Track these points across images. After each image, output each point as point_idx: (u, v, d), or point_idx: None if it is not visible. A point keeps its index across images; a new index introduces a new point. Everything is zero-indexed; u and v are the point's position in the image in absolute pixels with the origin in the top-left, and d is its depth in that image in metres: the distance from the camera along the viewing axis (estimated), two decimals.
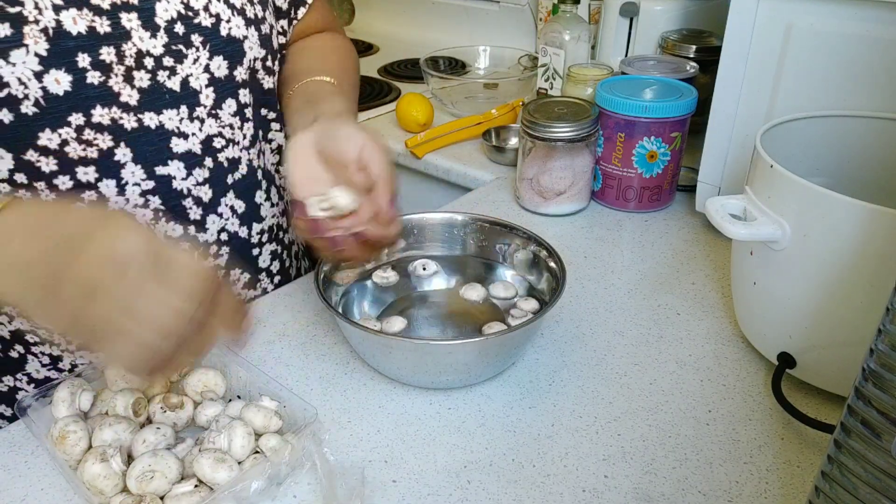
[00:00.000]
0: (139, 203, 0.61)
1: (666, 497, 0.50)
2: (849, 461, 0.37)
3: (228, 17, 0.62)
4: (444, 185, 1.12)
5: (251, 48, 0.65)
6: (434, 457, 0.54)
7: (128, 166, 0.59)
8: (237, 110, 0.65)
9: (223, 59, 0.62)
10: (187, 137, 0.62)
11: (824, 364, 0.57)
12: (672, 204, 0.91)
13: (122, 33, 0.56)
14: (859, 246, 0.50)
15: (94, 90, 0.55)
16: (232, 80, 0.64)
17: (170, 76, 0.59)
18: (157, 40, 0.58)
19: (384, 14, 1.85)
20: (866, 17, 0.64)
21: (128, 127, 0.58)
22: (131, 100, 0.58)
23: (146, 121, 0.59)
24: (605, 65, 1.01)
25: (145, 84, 0.58)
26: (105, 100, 0.56)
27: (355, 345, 0.63)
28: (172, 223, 0.63)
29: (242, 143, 0.67)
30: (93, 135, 0.57)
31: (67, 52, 0.53)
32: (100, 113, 0.56)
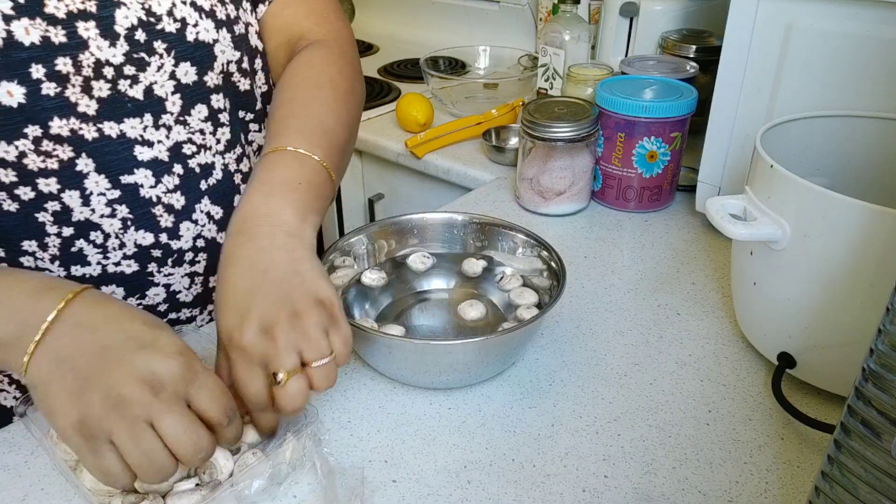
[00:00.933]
0: (105, 213, 0.59)
1: (666, 497, 0.51)
2: (849, 461, 0.37)
3: (195, 21, 0.60)
4: (444, 185, 1.12)
5: (223, 51, 0.62)
6: (434, 457, 0.54)
7: (91, 176, 0.58)
8: (209, 115, 0.63)
9: (191, 64, 0.60)
10: (152, 145, 0.60)
11: (824, 364, 0.57)
12: (672, 204, 0.91)
13: (78, 43, 0.54)
14: (859, 246, 0.50)
15: (49, 101, 0.54)
16: (202, 86, 0.62)
17: (132, 85, 0.57)
18: (117, 49, 0.56)
19: (384, 14, 1.85)
20: (866, 17, 0.64)
21: (88, 137, 0.56)
22: (89, 110, 0.56)
23: (106, 130, 0.57)
24: (605, 65, 1.01)
25: (105, 94, 0.56)
26: (62, 111, 0.55)
27: (355, 345, 0.63)
28: (142, 232, 0.62)
29: (216, 147, 0.65)
30: (51, 146, 0.55)
31: (20, 64, 0.52)
32: (58, 124, 0.55)
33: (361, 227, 0.71)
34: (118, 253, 0.62)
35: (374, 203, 1.27)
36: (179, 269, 0.65)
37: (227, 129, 0.66)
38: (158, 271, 0.64)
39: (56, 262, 0.60)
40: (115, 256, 0.62)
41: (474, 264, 0.71)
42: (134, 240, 0.62)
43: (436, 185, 1.14)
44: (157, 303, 0.66)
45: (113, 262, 0.62)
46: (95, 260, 0.61)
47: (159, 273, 0.64)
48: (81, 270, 0.61)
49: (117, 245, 0.61)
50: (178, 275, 0.66)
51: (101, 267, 0.62)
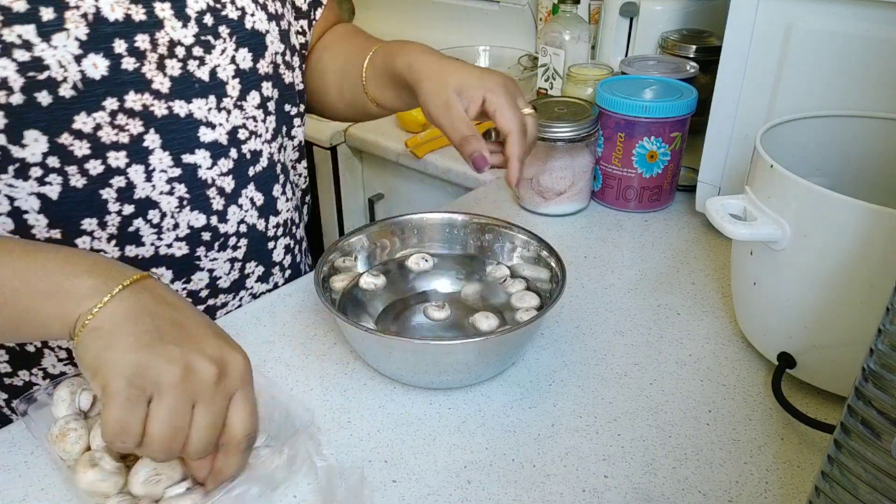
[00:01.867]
0: (165, 190, 0.62)
1: (666, 497, 0.51)
2: (849, 461, 0.37)
3: (252, 11, 0.64)
4: (444, 185, 1.12)
5: (272, 42, 0.66)
6: (434, 457, 0.54)
7: (156, 153, 0.60)
8: (260, 103, 0.67)
9: (248, 51, 0.64)
10: (214, 127, 0.63)
11: (824, 364, 0.57)
12: (672, 204, 0.91)
13: (155, 22, 0.58)
14: (859, 246, 0.50)
15: (128, 76, 0.57)
16: (255, 73, 0.65)
17: (199, 66, 0.61)
18: (188, 30, 0.60)
19: (384, 14, 1.85)
20: (866, 17, 0.64)
21: (158, 114, 0.59)
22: (163, 87, 0.59)
23: (176, 108, 0.60)
24: (605, 65, 1.01)
25: (176, 73, 0.60)
26: (138, 86, 0.58)
27: (355, 345, 0.63)
28: (196, 212, 0.64)
29: (265, 135, 0.68)
30: (125, 120, 0.58)
31: (105, 38, 0.55)
32: (132, 98, 0.58)
33: (361, 227, 0.71)
34: (171, 234, 0.64)
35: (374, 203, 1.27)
36: (223, 253, 0.68)
37: (273, 118, 0.69)
38: (206, 255, 0.67)
39: (112, 242, 0.62)
40: (167, 238, 0.64)
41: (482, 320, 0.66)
42: (188, 221, 0.64)
43: (436, 185, 1.14)
44: (199, 288, 0.68)
45: (165, 243, 0.64)
46: (150, 241, 0.63)
47: (206, 257, 0.67)
48: (135, 251, 0.63)
49: (172, 225, 0.63)
50: (221, 259, 0.68)
51: (154, 248, 0.64)
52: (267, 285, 0.75)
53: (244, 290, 0.73)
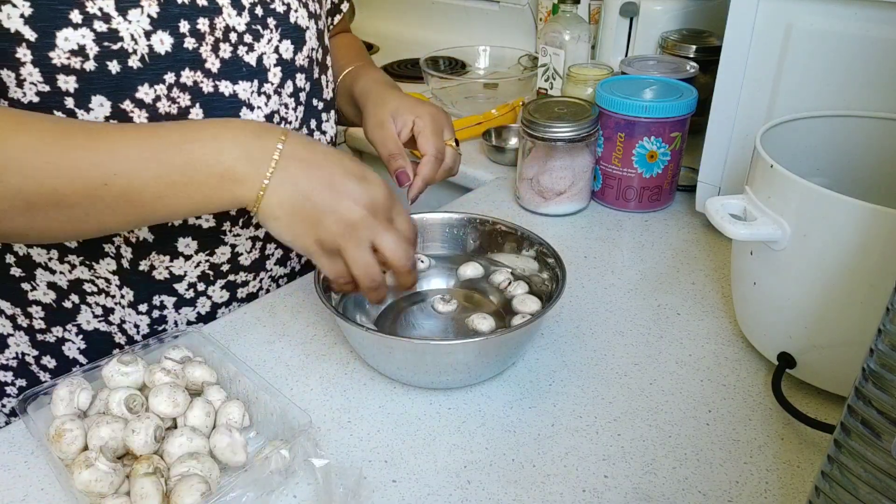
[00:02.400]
0: None
1: (666, 497, 0.51)
2: (849, 461, 0.37)
3: (296, 8, 0.68)
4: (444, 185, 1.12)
5: (310, 38, 0.70)
6: (434, 457, 0.54)
7: None
8: (293, 91, 0.70)
9: (290, 42, 0.67)
10: (253, 109, 0.66)
11: (824, 364, 0.57)
12: (672, 204, 0.91)
13: (215, 8, 0.61)
14: (859, 246, 0.50)
15: (187, 54, 0.60)
16: (293, 64, 0.69)
17: (248, 51, 0.64)
18: (242, 18, 0.63)
19: (384, 14, 1.85)
20: (866, 17, 0.64)
21: (205, 91, 0.62)
22: (213, 67, 0.62)
23: (221, 88, 0.63)
24: (605, 65, 1.01)
25: (227, 55, 0.63)
26: (194, 64, 0.61)
27: (355, 345, 0.63)
28: None
29: (294, 123, 0.71)
30: (178, 93, 0.61)
31: (173, 18, 0.59)
32: (187, 75, 0.61)
33: None
34: None
35: None
36: (246, 230, 0.70)
37: (302, 108, 0.72)
38: (230, 230, 0.69)
39: None
40: None
41: (473, 268, 0.71)
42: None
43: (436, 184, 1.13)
44: (221, 262, 0.70)
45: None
46: None
47: (230, 232, 0.69)
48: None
49: None
50: (244, 237, 0.70)
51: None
52: (285, 269, 0.77)
53: (264, 272, 0.74)
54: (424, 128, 0.74)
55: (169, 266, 0.67)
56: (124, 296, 0.67)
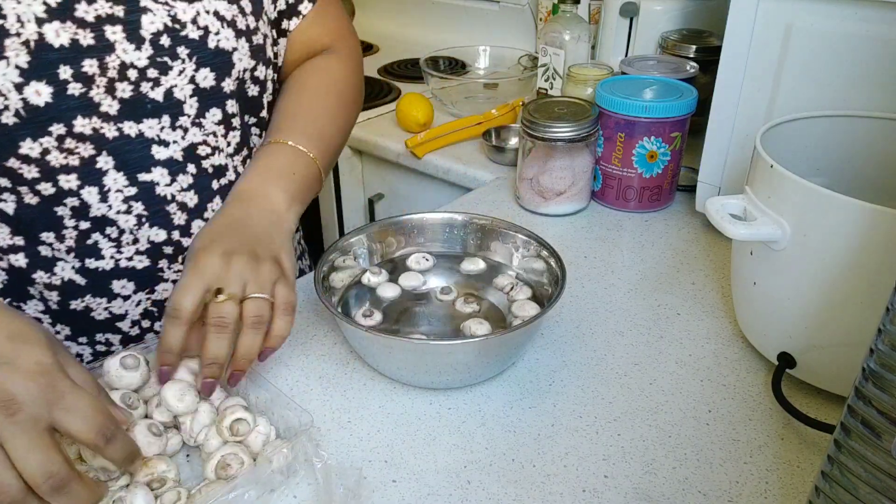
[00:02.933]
0: (122, 209, 0.61)
1: (666, 497, 0.50)
2: (849, 461, 0.37)
3: (217, 30, 0.62)
4: (444, 185, 1.12)
5: (241, 59, 0.64)
6: (434, 457, 0.54)
7: (110, 173, 0.60)
8: (222, 119, 0.65)
9: (210, 70, 0.62)
10: (168, 145, 0.62)
11: (824, 364, 0.57)
12: (672, 204, 0.91)
13: (105, 46, 0.56)
14: (859, 246, 0.50)
15: (74, 101, 0.56)
16: (219, 91, 0.64)
17: (153, 87, 0.59)
18: (142, 52, 0.58)
19: (384, 14, 1.85)
20: (866, 17, 0.64)
21: (109, 136, 0.58)
22: (111, 110, 0.58)
23: (126, 129, 0.59)
24: (605, 65, 1.01)
25: (127, 95, 0.58)
26: (86, 110, 0.56)
27: (355, 345, 0.63)
28: (156, 228, 0.64)
29: (227, 150, 0.67)
30: (74, 144, 0.57)
31: (49, 65, 0.54)
32: (81, 123, 0.57)
33: (361, 227, 0.71)
34: (131, 248, 0.63)
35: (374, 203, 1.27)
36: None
37: (237, 132, 0.68)
38: (169, 267, 0.66)
39: (72, 254, 0.62)
40: (128, 251, 0.63)
41: (475, 262, 0.71)
42: (147, 236, 0.64)
43: (436, 185, 1.14)
44: (165, 298, 0.67)
45: (126, 256, 0.64)
46: (109, 254, 0.63)
47: (169, 269, 0.66)
48: (95, 263, 0.63)
49: (131, 240, 0.63)
50: None
51: (114, 261, 0.63)
52: None
53: None
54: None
55: (108, 307, 0.65)
56: (59, 332, 0.66)
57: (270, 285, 0.55)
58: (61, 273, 0.62)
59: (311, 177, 0.66)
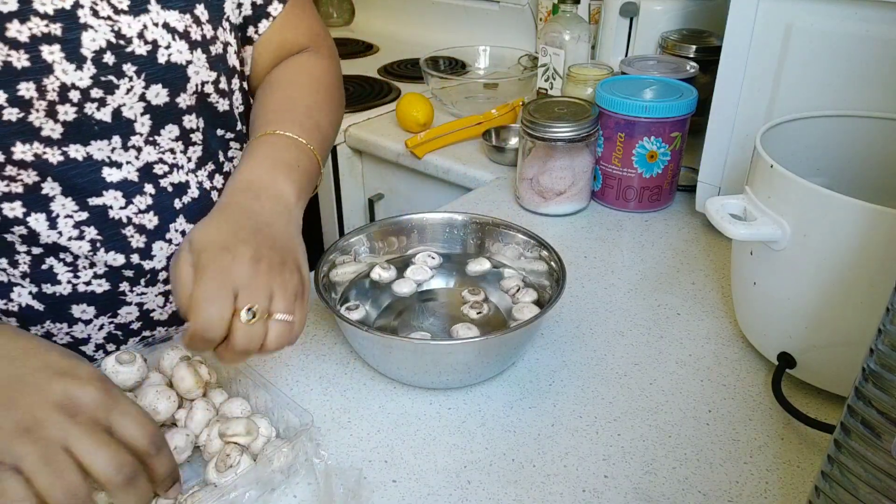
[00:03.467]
0: (73, 235, 0.59)
1: (666, 497, 0.51)
2: (849, 461, 0.37)
3: (168, 43, 0.58)
4: (444, 185, 1.12)
5: (197, 72, 0.61)
6: (434, 457, 0.54)
7: (57, 199, 0.57)
8: (180, 135, 0.62)
9: (162, 86, 0.58)
10: (121, 166, 0.59)
11: (824, 364, 0.57)
12: (672, 204, 0.91)
13: (42, 67, 0.52)
14: (859, 246, 0.50)
15: (11, 127, 0.52)
16: (174, 107, 0.60)
17: (99, 108, 0.56)
18: (84, 72, 0.54)
19: (384, 14, 1.85)
20: (866, 17, 0.64)
21: (53, 161, 0.55)
22: (54, 133, 0.55)
23: (72, 153, 0.56)
24: (605, 65, 1.01)
25: (70, 117, 0.55)
26: (25, 136, 0.53)
27: (355, 345, 0.63)
28: (113, 253, 0.61)
29: (188, 165, 0.64)
30: (15, 171, 0.54)
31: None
32: (21, 149, 0.53)
33: (361, 227, 0.71)
34: (89, 272, 0.61)
35: (374, 203, 1.27)
36: (153, 288, 0.65)
37: (199, 147, 0.65)
38: (131, 290, 0.64)
39: (27, 279, 0.60)
40: (85, 276, 0.61)
41: (482, 263, 0.71)
42: (104, 260, 0.61)
43: (436, 185, 1.14)
44: (129, 321, 0.65)
45: (83, 281, 0.61)
46: (66, 279, 0.61)
47: (132, 292, 0.64)
48: (52, 289, 0.61)
49: (87, 265, 0.61)
50: (152, 294, 0.65)
51: (71, 286, 0.61)
52: None
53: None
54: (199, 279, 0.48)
55: (69, 331, 0.63)
56: None
57: (294, 302, 0.50)
58: (18, 299, 0.60)
59: (313, 171, 0.62)
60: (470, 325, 0.63)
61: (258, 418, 0.53)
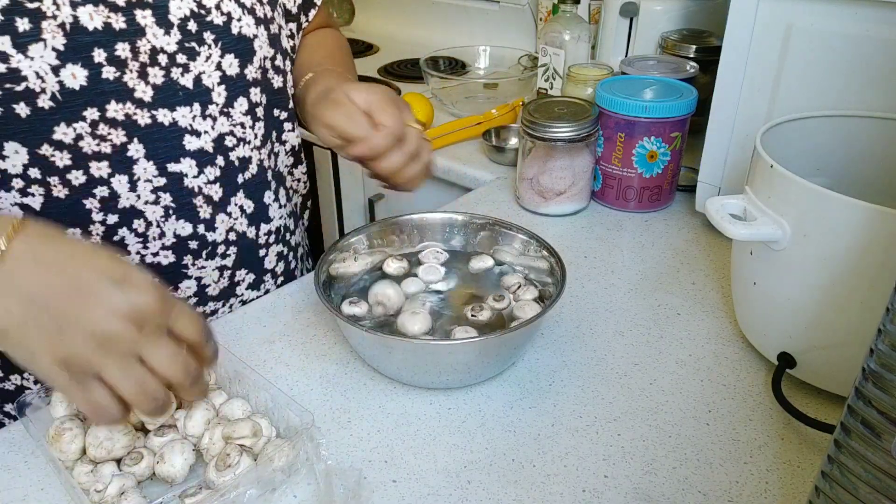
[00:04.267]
0: (150, 200, 0.62)
1: (666, 497, 0.50)
2: (849, 461, 0.37)
3: (239, 16, 0.63)
4: (444, 185, 1.12)
5: (261, 47, 0.65)
6: (434, 457, 0.54)
7: (140, 162, 0.60)
8: (248, 109, 0.66)
9: (234, 56, 0.63)
10: (199, 135, 0.62)
11: (824, 364, 0.57)
12: (672, 204, 0.91)
13: (136, 30, 0.57)
14: (859, 246, 0.50)
15: (109, 85, 0.56)
16: (243, 79, 0.64)
17: (183, 73, 0.60)
18: (171, 37, 0.58)
19: (384, 14, 1.85)
20: (866, 17, 0.64)
21: (141, 123, 0.59)
22: (145, 96, 0.58)
23: (160, 117, 0.59)
24: (605, 65, 1.01)
25: (159, 81, 0.59)
26: (120, 95, 0.57)
27: (355, 345, 0.63)
28: (182, 221, 0.64)
29: (254, 142, 0.68)
30: (107, 130, 0.57)
31: (84, 47, 0.54)
32: (114, 108, 0.57)
33: (361, 227, 0.71)
34: (157, 243, 0.63)
35: (374, 203, 1.27)
36: (212, 262, 0.67)
37: (262, 123, 0.68)
38: (193, 264, 0.66)
39: None
40: (153, 247, 0.63)
41: (483, 260, 0.71)
42: (174, 230, 0.64)
43: (436, 185, 1.13)
44: (188, 296, 0.68)
45: (151, 252, 0.63)
46: (135, 250, 0.63)
47: (193, 266, 0.66)
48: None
49: (157, 234, 0.63)
50: (210, 268, 0.68)
51: (139, 257, 0.63)
52: (258, 292, 0.74)
53: (234, 298, 0.72)
54: (380, 102, 0.64)
55: None
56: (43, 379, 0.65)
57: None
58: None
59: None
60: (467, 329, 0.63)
61: (258, 418, 0.53)
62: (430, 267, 0.70)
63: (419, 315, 0.63)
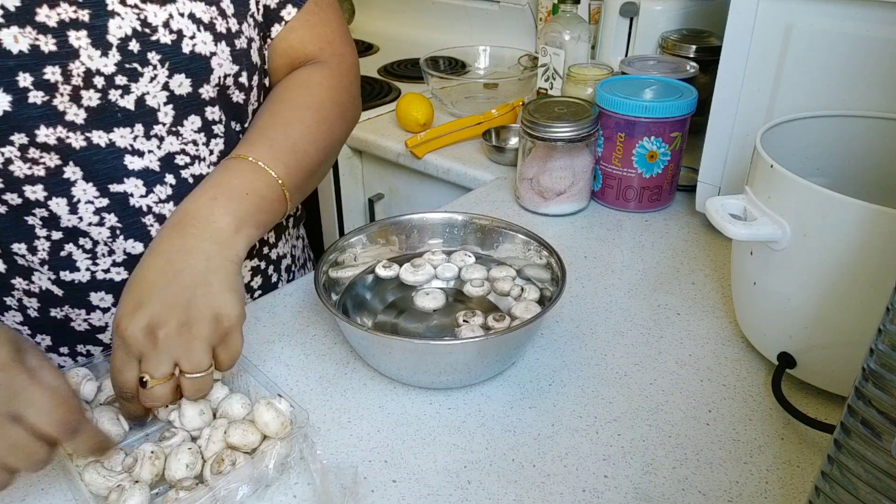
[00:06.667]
0: (94, 221, 0.60)
1: (666, 497, 0.50)
2: (849, 461, 0.37)
3: (192, 34, 0.59)
4: (444, 185, 1.12)
5: (220, 65, 0.61)
6: (434, 457, 0.54)
7: (79, 184, 0.58)
8: (202, 126, 0.63)
9: (185, 76, 0.59)
10: (143, 155, 0.60)
11: (824, 364, 0.57)
12: (672, 204, 0.91)
13: (69, 52, 0.53)
14: (859, 246, 0.50)
15: (36, 110, 0.53)
16: (197, 98, 0.61)
17: (122, 95, 0.57)
18: (109, 59, 0.55)
19: (384, 14, 1.85)
20: (866, 17, 0.64)
21: (76, 146, 0.56)
22: (78, 119, 0.56)
23: (95, 139, 0.57)
24: (605, 65, 1.01)
25: (94, 103, 0.56)
26: (49, 119, 0.54)
27: (355, 345, 0.63)
28: (132, 241, 0.62)
29: (209, 158, 0.64)
30: (38, 153, 0.55)
31: (7, 72, 0.52)
32: (45, 133, 0.54)
33: (361, 227, 0.71)
34: (107, 260, 0.62)
35: (374, 203, 1.27)
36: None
37: (220, 140, 0.65)
38: None
39: (45, 266, 0.60)
40: (104, 263, 0.62)
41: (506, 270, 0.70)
42: (123, 248, 0.62)
43: (436, 185, 1.14)
44: None
45: (102, 268, 0.62)
46: (84, 266, 0.61)
47: None
48: (70, 276, 0.61)
49: (106, 252, 0.61)
50: None
51: (90, 273, 0.62)
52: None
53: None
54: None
55: (87, 318, 0.64)
56: (40, 342, 0.65)
57: (207, 355, 0.51)
58: (38, 282, 0.61)
59: (272, 199, 0.60)
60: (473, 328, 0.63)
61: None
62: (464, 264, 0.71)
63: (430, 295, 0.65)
